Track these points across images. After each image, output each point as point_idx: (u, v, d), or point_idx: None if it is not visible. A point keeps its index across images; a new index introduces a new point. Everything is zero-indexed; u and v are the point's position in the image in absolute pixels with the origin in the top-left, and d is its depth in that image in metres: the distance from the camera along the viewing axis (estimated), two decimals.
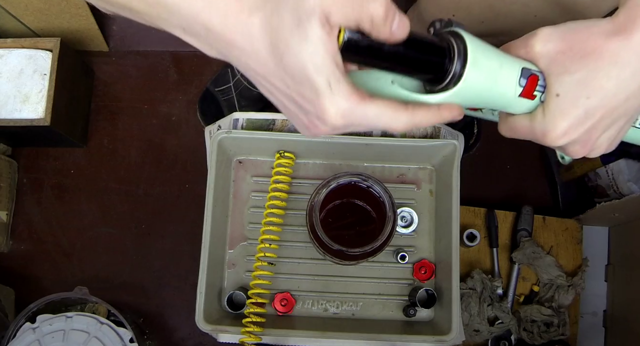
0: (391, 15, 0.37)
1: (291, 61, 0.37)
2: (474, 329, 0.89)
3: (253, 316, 0.69)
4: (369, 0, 0.36)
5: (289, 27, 0.36)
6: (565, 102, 0.43)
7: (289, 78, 0.39)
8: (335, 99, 0.38)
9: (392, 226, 0.65)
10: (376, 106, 0.40)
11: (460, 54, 0.42)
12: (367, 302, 0.75)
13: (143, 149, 1.08)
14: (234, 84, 1.03)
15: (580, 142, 0.45)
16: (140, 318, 1.01)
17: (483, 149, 1.05)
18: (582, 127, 0.44)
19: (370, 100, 0.40)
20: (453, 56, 0.42)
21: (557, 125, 0.44)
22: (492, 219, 0.95)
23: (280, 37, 0.37)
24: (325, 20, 0.36)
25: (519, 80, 0.44)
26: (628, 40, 0.41)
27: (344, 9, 0.36)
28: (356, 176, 0.66)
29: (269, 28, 0.37)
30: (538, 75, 0.44)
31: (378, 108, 0.40)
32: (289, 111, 0.43)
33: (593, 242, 0.99)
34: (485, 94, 0.44)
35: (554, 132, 0.44)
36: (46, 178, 1.07)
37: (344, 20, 0.37)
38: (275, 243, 0.73)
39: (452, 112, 0.44)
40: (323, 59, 0.37)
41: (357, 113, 0.39)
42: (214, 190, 0.72)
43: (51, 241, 1.05)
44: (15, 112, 0.95)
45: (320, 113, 0.39)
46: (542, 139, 0.45)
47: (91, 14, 1.00)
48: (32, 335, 0.89)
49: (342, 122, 0.40)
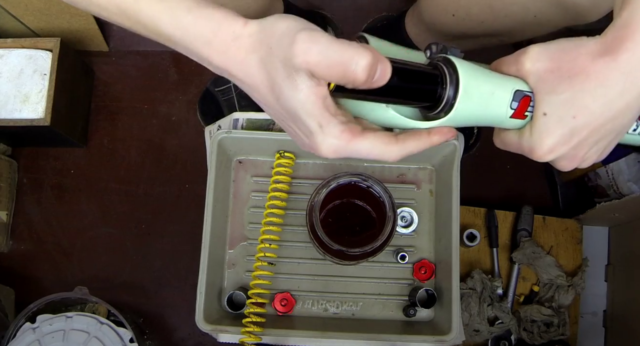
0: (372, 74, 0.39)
1: (287, 104, 0.40)
2: (474, 329, 0.89)
3: (253, 316, 0.69)
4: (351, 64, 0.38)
5: (281, 75, 0.39)
6: (552, 120, 0.44)
7: (287, 114, 0.42)
8: (327, 138, 0.41)
9: (392, 226, 0.65)
10: (367, 141, 0.42)
11: (453, 82, 0.43)
12: (367, 302, 0.75)
13: (143, 149, 1.08)
14: (234, 84, 1.03)
15: (567, 157, 0.46)
16: (140, 318, 1.01)
17: (483, 149, 1.05)
18: (568, 144, 0.45)
19: (361, 137, 0.42)
20: (445, 85, 0.44)
21: (543, 143, 0.45)
22: (492, 219, 0.95)
23: (275, 81, 0.39)
24: (312, 74, 0.38)
25: (510, 103, 0.45)
26: (615, 61, 0.41)
27: (328, 71, 0.38)
28: (356, 176, 0.66)
29: (265, 70, 0.40)
30: (530, 96, 0.45)
31: (369, 143, 0.42)
32: (290, 133, 0.45)
33: (593, 242, 0.99)
34: (477, 118, 0.46)
35: (541, 149, 0.45)
36: (46, 178, 1.07)
37: (329, 80, 0.39)
38: (275, 243, 0.73)
39: (443, 135, 0.46)
40: (313, 105, 0.39)
41: (349, 149, 0.42)
42: (214, 190, 0.72)
43: (51, 241, 1.05)
44: (15, 112, 0.95)
45: (315, 147, 0.42)
46: (530, 155, 0.47)
47: (91, 14, 1.00)
48: (32, 335, 0.89)
49: (334, 156, 0.42)
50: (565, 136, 0.44)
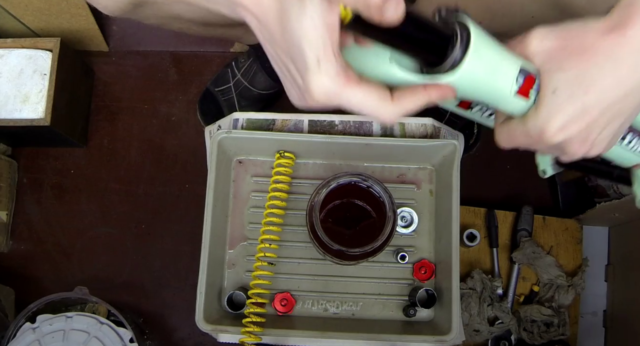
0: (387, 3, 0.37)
1: (291, 33, 0.38)
2: (474, 329, 0.89)
3: (253, 316, 0.69)
4: None
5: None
6: (562, 97, 0.43)
7: (289, 48, 0.39)
8: (321, 77, 0.38)
9: (392, 226, 0.65)
10: (362, 91, 0.40)
11: (463, 41, 0.42)
12: (367, 302, 0.75)
13: (143, 149, 1.08)
14: (234, 84, 1.03)
15: (578, 139, 0.44)
16: (140, 318, 1.01)
17: (483, 149, 1.05)
18: (580, 123, 0.43)
19: (357, 84, 0.40)
20: (455, 42, 0.42)
21: (554, 120, 0.43)
22: (492, 219, 0.95)
23: (285, 8, 0.37)
24: None
25: (517, 77, 0.44)
26: (623, 36, 0.41)
27: None
28: (356, 176, 0.66)
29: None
30: (534, 76, 0.44)
31: (364, 93, 0.40)
32: (286, 81, 0.43)
33: (593, 242, 0.99)
34: (482, 86, 0.44)
35: (552, 127, 0.43)
36: (46, 178, 1.07)
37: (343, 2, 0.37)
38: (275, 243, 0.73)
39: (441, 91, 0.43)
40: (317, 33, 0.37)
41: (342, 95, 0.40)
42: (214, 190, 0.72)
43: (51, 241, 1.05)
44: (15, 112, 0.95)
45: (306, 88, 0.40)
46: (539, 138, 0.45)
47: (91, 14, 1.00)
48: (32, 335, 0.89)
49: (325, 100, 0.40)
50: (577, 112, 0.42)
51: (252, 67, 1.02)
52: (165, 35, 1.12)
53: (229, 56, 1.11)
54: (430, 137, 0.77)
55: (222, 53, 1.12)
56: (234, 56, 1.08)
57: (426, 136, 0.77)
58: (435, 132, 0.77)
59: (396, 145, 0.73)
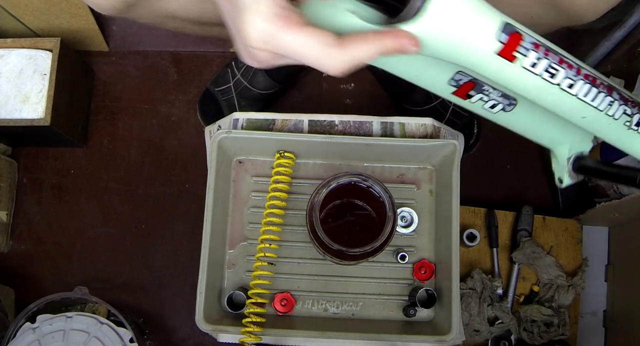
0: None
1: None
2: (474, 329, 0.89)
3: (253, 316, 0.69)
4: None
5: None
6: None
7: None
8: (256, 18, 0.34)
9: (392, 226, 0.65)
10: (304, 36, 0.34)
11: None
12: (367, 302, 0.75)
13: (143, 149, 1.08)
14: (234, 83, 1.03)
15: None
16: (140, 318, 1.01)
17: (483, 149, 1.05)
18: None
19: (298, 28, 0.34)
20: None
21: None
22: (492, 219, 0.95)
23: None
24: None
25: (498, 34, 0.38)
26: None
27: None
28: (356, 176, 0.66)
29: None
30: (523, 35, 0.39)
31: (306, 38, 0.34)
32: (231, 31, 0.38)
33: (593, 242, 0.99)
34: (452, 41, 0.37)
35: None
36: (46, 178, 1.07)
37: None
38: (275, 243, 0.73)
39: (397, 39, 0.36)
40: None
41: (281, 40, 0.34)
42: (214, 190, 0.72)
43: (51, 241, 1.05)
44: (15, 112, 0.95)
45: (241, 33, 0.35)
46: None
47: (91, 14, 1.00)
48: (32, 335, 0.89)
49: (262, 45, 0.35)
50: None
51: (251, 67, 1.02)
52: (165, 35, 1.12)
53: (229, 56, 1.11)
54: (430, 137, 0.77)
55: (222, 53, 1.12)
56: (234, 56, 1.08)
57: (426, 136, 0.77)
58: (435, 132, 0.77)
59: (396, 145, 0.73)
